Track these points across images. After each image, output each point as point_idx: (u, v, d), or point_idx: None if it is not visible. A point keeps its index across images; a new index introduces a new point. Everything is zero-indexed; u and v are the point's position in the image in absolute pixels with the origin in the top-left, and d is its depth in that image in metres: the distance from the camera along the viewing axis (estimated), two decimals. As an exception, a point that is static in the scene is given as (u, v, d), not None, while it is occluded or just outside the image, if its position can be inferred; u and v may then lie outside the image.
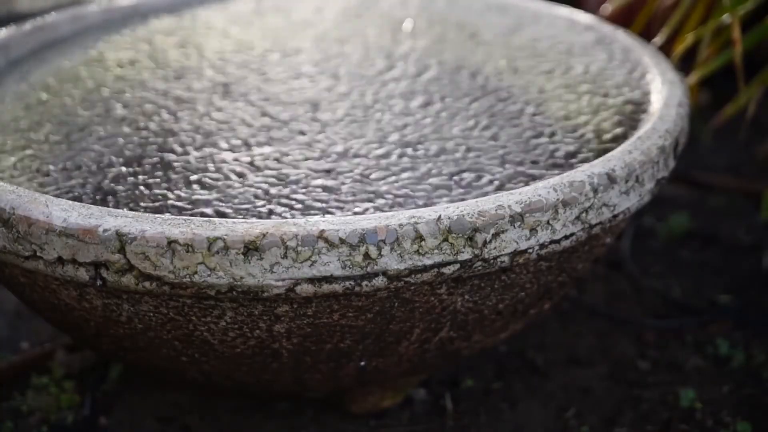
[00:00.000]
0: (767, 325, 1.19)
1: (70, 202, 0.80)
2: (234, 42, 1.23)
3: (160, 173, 0.92)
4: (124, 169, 0.93)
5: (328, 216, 0.84)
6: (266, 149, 0.96)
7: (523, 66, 1.14)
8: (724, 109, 1.34)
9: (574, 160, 0.93)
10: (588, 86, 1.08)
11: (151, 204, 0.87)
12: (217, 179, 0.91)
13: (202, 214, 0.84)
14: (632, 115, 1.00)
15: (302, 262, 0.75)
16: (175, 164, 0.94)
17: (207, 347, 0.85)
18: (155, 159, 0.95)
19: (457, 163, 0.93)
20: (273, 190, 0.89)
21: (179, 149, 0.96)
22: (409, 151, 0.96)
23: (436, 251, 0.77)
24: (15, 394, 1.08)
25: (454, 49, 1.19)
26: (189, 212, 0.86)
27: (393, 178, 0.91)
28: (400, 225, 0.76)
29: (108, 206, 0.86)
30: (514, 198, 0.80)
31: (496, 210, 0.79)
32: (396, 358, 0.89)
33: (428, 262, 0.77)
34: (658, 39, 1.33)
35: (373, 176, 0.91)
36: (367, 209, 0.86)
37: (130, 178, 0.91)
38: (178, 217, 0.77)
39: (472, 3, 1.33)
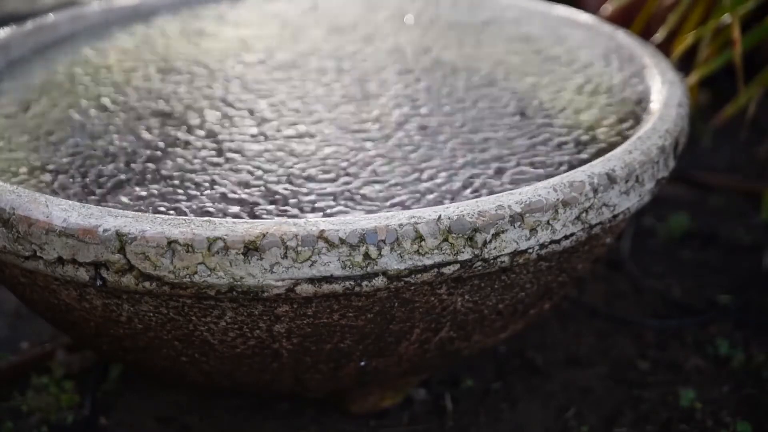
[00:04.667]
0: (767, 325, 1.19)
1: (70, 202, 0.79)
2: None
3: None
4: None
5: (327, 216, 0.84)
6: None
7: (520, 64, 1.14)
8: (724, 109, 1.34)
9: (575, 158, 0.93)
10: (588, 86, 1.08)
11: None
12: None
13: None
14: (632, 115, 1.00)
15: (302, 262, 0.75)
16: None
17: (207, 347, 0.85)
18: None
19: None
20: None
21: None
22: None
23: (436, 251, 0.77)
24: (15, 394, 1.08)
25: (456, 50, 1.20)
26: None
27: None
28: (400, 225, 0.76)
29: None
30: (514, 198, 0.80)
31: (496, 210, 0.78)
32: (396, 358, 0.89)
33: (428, 262, 0.77)
34: (658, 37, 1.33)
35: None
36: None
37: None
38: (178, 217, 0.77)
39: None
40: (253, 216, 0.85)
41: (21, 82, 1.12)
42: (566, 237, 0.83)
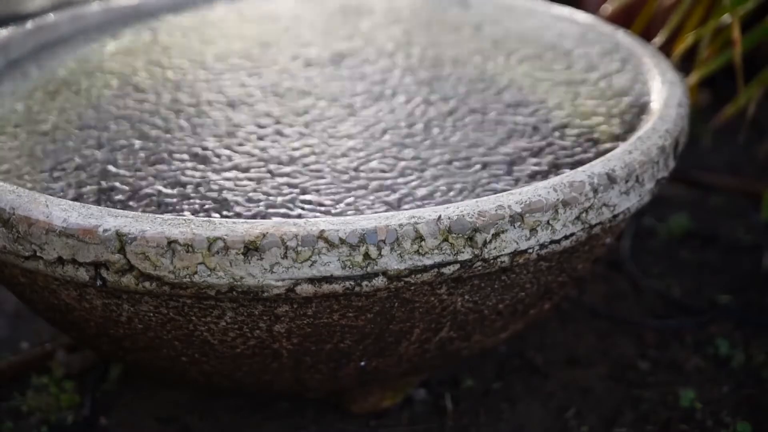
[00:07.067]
0: (767, 325, 1.19)
1: (70, 202, 0.80)
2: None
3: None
4: None
5: (327, 216, 0.84)
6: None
7: (523, 65, 1.14)
8: (724, 109, 1.34)
9: (574, 159, 0.93)
10: (587, 86, 1.08)
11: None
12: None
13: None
14: (632, 115, 1.00)
15: (302, 262, 0.75)
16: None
17: (207, 347, 0.85)
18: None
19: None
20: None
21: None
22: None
23: (436, 251, 0.77)
24: (15, 394, 1.08)
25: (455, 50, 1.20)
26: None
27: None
28: (400, 225, 0.76)
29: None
30: (514, 198, 0.80)
31: (496, 210, 0.79)
32: (396, 358, 0.89)
33: (428, 262, 0.77)
34: (658, 39, 1.34)
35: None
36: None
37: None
38: (178, 217, 0.77)
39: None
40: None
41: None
42: (566, 237, 0.83)
